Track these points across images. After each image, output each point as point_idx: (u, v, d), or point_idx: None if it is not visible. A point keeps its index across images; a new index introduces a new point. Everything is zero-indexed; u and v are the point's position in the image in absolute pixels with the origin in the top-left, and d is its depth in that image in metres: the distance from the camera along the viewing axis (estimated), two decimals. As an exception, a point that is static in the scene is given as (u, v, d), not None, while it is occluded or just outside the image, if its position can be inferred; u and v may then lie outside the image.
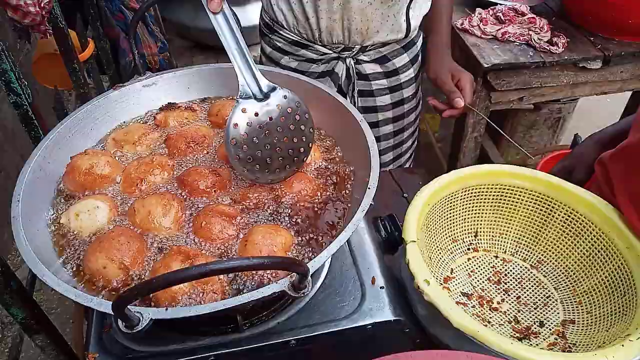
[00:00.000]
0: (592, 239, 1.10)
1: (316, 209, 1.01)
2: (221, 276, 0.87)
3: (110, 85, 2.57)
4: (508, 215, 1.21)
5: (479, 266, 1.19)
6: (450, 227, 1.19)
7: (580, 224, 1.12)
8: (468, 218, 1.20)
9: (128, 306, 0.68)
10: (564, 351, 1.01)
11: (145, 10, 2.22)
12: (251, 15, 2.40)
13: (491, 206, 1.20)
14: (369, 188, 0.91)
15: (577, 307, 1.09)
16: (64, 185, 1.04)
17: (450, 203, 1.16)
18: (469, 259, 1.20)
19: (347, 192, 1.05)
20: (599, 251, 1.09)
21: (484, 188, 1.18)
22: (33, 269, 0.80)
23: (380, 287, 1.02)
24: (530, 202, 1.18)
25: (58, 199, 1.03)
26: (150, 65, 2.57)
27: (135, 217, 0.96)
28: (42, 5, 1.42)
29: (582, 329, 1.05)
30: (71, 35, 1.78)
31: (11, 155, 2.74)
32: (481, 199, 1.19)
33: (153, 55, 2.60)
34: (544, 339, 1.04)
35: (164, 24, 2.83)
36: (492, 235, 1.23)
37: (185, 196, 1.03)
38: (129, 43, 2.42)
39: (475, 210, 1.20)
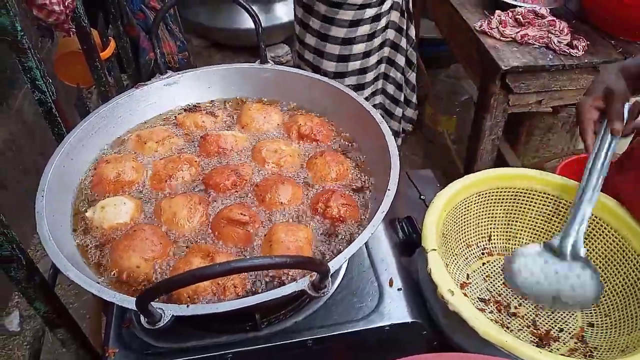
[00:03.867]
0: (606, 240, 1.10)
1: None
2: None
3: (131, 83, 2.59)
4: (521, 218, 1.20)
5: (494, 270, 1.18)
6: (465, 232, 1.18)
7: (595, 225, 1.11)
8: (482, 222, 1.20)
9: (150, 302, 0.69)
10: (586, 356, 1.00)
11: (167, 10, 2.24)
12: (277, 14, 2.38)
13: (504, 209, 1.20)
14: (388, 189, 0.92)
15: (595, 310, 1.08)
16: (92, 192, 1.06)
17: (465, 208, 1.16)
18: (483, 264, 1.19)
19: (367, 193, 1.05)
20: (614, 252, 1.08)
21: (496, 192, 1.17)
22: (57, 263, 0.82)
23: (398, 289, 1.02)
24: (543, 204, 1.17)
25: (81, 199, 1.04)
26: (169, 65, 2.60)
27: (161, 216, 0.98)
28: (66, 4, 1.44)
29: (602, 333, 1.04)
30: (93, 34, 1.80)
31: (30, 151, 2.78)
32: (494, 202, 1.19)
33: (172, 55, 2.62)
34: (564, 344, 1.04)
35: (182, 23, 2.86)
36: (506, 239, 1.22)
37: (210, 194, 1.04)
38: (149, 42, 2.45)
39: (489, 214, 1.20)
